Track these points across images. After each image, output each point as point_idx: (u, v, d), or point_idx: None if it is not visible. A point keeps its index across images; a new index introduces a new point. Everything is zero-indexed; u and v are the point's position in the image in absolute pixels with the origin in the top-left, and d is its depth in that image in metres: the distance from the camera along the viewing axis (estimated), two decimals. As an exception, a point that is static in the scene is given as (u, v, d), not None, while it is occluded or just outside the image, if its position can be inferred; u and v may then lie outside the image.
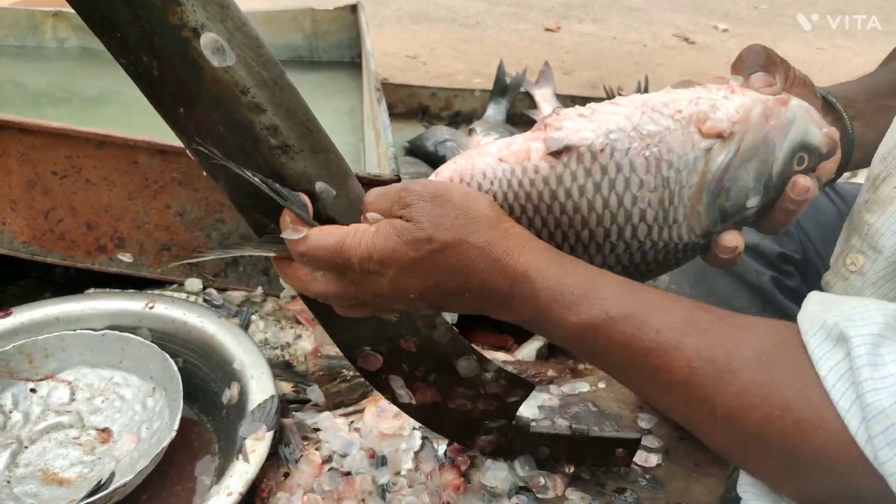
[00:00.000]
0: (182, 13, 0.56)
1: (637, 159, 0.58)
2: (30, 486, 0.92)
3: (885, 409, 0.43)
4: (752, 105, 0.59)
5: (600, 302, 0.54)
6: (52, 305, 1.09)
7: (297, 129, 0.62)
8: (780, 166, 0.59)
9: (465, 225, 0.56)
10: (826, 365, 0.47)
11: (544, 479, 0.92)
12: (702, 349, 0.51)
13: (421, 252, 0.55)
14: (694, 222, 0.60)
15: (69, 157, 1.17)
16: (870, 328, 0.46)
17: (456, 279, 0.56)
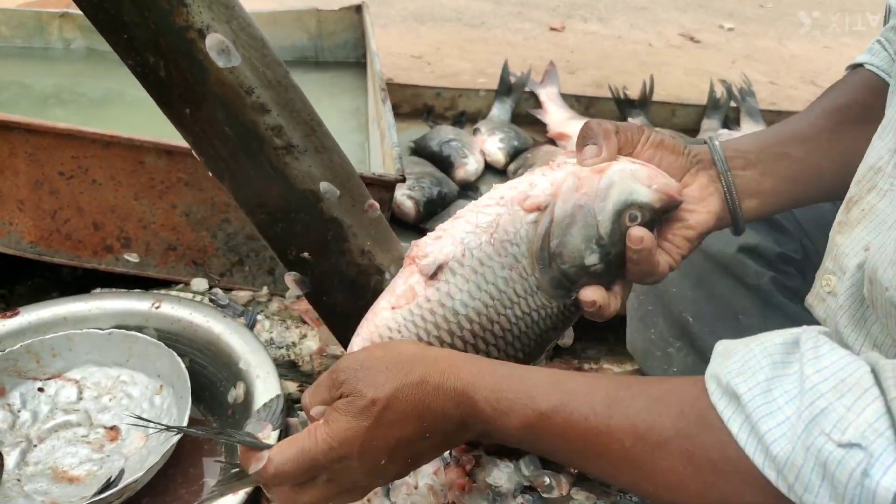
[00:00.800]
0: (188, 14, 0.57)
1: (487, 249, 0.65)
2: (40, 484, 0.93)
3: (788, 456, 0.46)
4: (565, 178, 0.66)
5: (531, 401, 0.58)
6: (59, 305, 1.10)
7: (301, 129, 0.63)
8: (608, 226, 0.65)
9: (398, 371, 0.60)
10: (734, 423, 0.49)
11: (549, 478, 0.92)
12: (627, 429, 0.54)
13: (371, 417, 0.59)
14: (543, 287, 0.66)
15: (76, 157, 1.17)
16: (756, 378, 0.49)
17: (412, 425, 0.59)
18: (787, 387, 0.48)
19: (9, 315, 1.07)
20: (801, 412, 0.46)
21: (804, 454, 0.45)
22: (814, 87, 3.23)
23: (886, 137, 0.65)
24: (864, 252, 0.63)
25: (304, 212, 0.66)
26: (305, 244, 0.68)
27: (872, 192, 0.65)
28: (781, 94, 3.08)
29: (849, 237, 0.66)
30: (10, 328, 1.06)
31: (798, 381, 0.48)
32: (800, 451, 0.45)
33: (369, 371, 0.60)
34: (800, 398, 0.47)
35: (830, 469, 0.44)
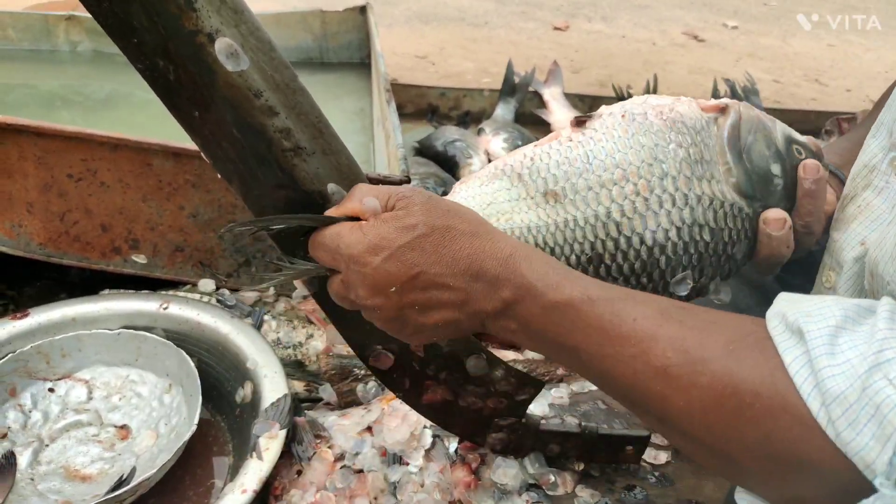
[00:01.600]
0: (197, 19, 0.57)
1: (656, 121, 0.65)
2: (53, 483, 0.94)
3: (842, 391, 0.46)
4: (734, 101, 0.68)
5: (582, 285, 0.56)
6: (68, 306, 1.11)
7: (309, 132, 0.63)
8: (782, 144, 0.67)
9: (454, 216, 0.59)
10: (790, 354, 0.49)
11: (554, 476, 0.93)
12: (676, 340, 0.52)
13: (409, 237, 0.57)
14: (730, 177, 0.65)
15: (84, 160, 1.18)
16: (826, 321, 0.49)
17: (442, 264, 0.57)
18: (854, 338, 0.48)
19: (19, 316, 1.08)
20: (865, 357, 0.46)
21: (859, 393, 0.45)
22: (818, 85, 3.23)
23: (880, 136, 0.67)
24: (860, 246, 0.64)
25: (311, 212, 0.67)
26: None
27: (868, 189, 0.66)
28: (785, 93, 3.08)
29: (845, 233, 0.67)
30: (20, 329, 1.07)
31: (868, 334, 0.48)
32: (855, 389, 0.45)
33: (430, 202, 0.60)
34: (867, 345, 0.47)
35: (884, 411, 0.44)
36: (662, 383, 0.52)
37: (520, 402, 0.86)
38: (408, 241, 0.57)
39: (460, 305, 0.58)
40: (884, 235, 0.59)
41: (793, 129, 0.70)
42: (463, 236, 0.58)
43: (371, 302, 0.59)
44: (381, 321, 0.61)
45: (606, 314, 0.54)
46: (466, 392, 0.84)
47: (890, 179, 0.64)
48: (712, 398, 0.50)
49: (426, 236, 0.57)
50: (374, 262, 0.57)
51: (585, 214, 0.64)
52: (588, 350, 0.55)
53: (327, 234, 0.61)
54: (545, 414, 1.02)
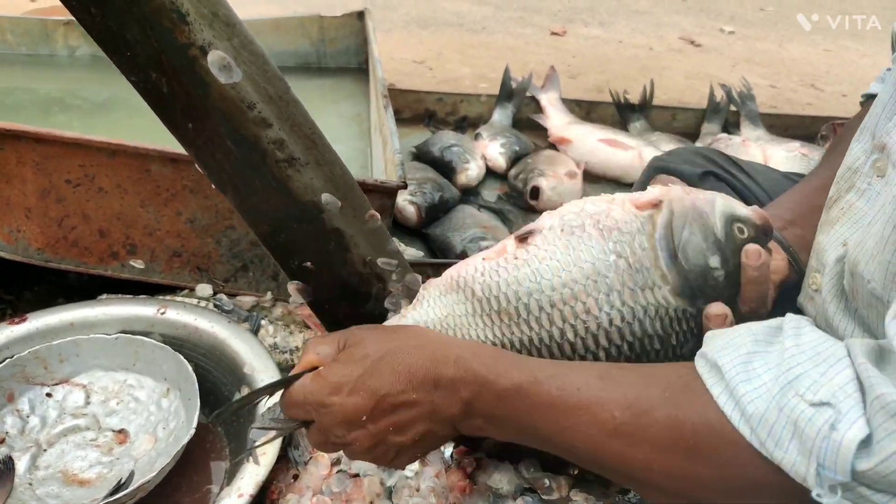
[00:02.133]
0: (190, 32, 0.58)
1: (593, 231, 0.66)
2: (51, 488, 0.94)
3: (762, 414, 0.49)
4: (672, 188, 0.69)
5: (528, 368, 0.61)
6: (66, 311, 1.12)
7: (302, 143, 0.64)
8: (722, 230, 0.66)
9: (402, 336, 0.65)
10: (716, 388, 0.53)
11: (549, 480, 0.93)
12: (619, 399, 0.57)
13: (365, 366, 0.62)
14: (667, 282, 0.65)
15: (82, 165, 1.19)
16: (738, 351, 0.53)
17: (402, 382, 0.61)
18: (767, 359, 0.52)
19: (17, 321, 1.09)
20: (777, 377, 0.50)
21: (777, 413, 0.48)
22: (814, 90, 3.24)
23: (863, 140, 0.68)
24: (842, 247, 0.66)
25: (306, 223, 0.68)
26: (308, 254, 0.70)
27: (851, 191, 0.67)
28: (782, 98, 3.09)
29: (828, 234, 0.69)
30: (18, 334, 1.07)
31: (778, 354, 0.51)
32: (773, 410, 0.49)
33: (376, 331, 0.65)
34: (778, 367, 0.50)
35: (801, 426, 0.47)
36: (618, 442, 0.56)
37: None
38: (364, 371, 0.62)
39: (430, 416, 0.62)
40: (865, 235, 0.60)
41: (734, 202, 0.68)
42: (413, 350, 0.62)
43: (350, 437, 0.63)
44: (365, 453, 0.65)
45: (553, 390, 0.58)
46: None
47: (872, 181, 0.65)
48: (664, 445, 0.54)
49: (380, 360, 0.62)
50: (339, 399, 0.62)
51: (540, 335, 0.67)
52: (546, 427, 0.60)
53: (294, 391, 0.66)
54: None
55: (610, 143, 2.14)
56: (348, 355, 0.63)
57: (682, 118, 2.43)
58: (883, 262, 0.55)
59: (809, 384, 0.48)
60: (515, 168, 2.04)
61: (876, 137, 0.66)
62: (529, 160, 2.04)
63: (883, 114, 0.66)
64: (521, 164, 2.04)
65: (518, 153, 2.11)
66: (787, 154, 2.12)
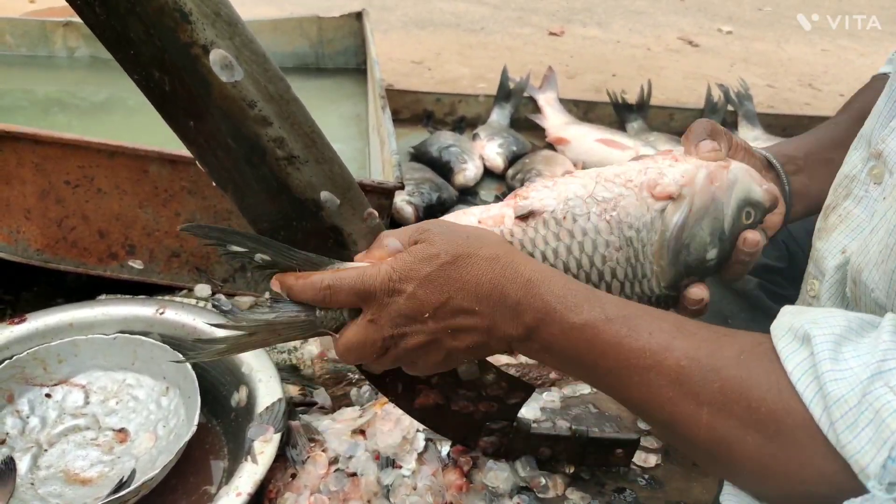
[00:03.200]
0: (192, 31, 0.59)
1: (599, 223, 0.65)
2: (53, 487, 0.95)
3: (843, 395, 0.47)
4: (696, 170, 0.66)
5: (600, 305, 0.59)
6: (65, 312, 1.12)
7: (302, 141, 0.65)
8: (730, 221, 0.66)
9: (475, 242, 0.62)
10: (792, 361, 0.51)
11: (545, 479, 0.94)
12: (689, 350, 0.55)
13: (434, 265, 0.60)
14: (661, 276, 0.66)
15: (82, 166, 1.20)
16: (832, 329, 0.51)
17: (467, 291, 0.60)
18: (858, 349, 0.50)
19: (16, 322, 1.09)
20: (868, 365, 0.48)
21: (860, 398, 0.47)
22: (811, 90, 3.25)
23: (860, 148, 0.68)
24: (840, 255, 0.66)
25: (305, 220, 0.68)
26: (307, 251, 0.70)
27: (848, 198, 0.67)
28: (779, 98, 3.10)
29: (827, 241, 0.69)
30: (17, 334, 1.08)
31: (871, 345, 0.49)
32: (856, 394, 0.47)
33: (451, 231, 0.63)
34: (870, 355, 0.48)
35: (883, 415, 0.45)
36: (675, 389, 0.55)
37: (511, 405, 0.88)
38: (433, 270, 0.60)
39: (487, 330, 0.61)
40: (866, 243, 0.60)
41: (753, 181, 0.68)
42: (484, 262, 0.60)
43: (407, 329, 0.62)
44: (417, 350, 0.63)
45: (623, 330, 0.57)
46: (458, 396, 0.85)
47: (869, 188, 0.65)
48: (721, 402, 0.53)
49: (450, 264, 0.60)
50: (407, 289, 0.60)
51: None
52: (606, 366, 0.58)
53: (350, 277, 0.63)
54: (536, 417, 1.03)
55: (608, 143, 2.15)
56: (418, 250, 0.61)
57: (679, 118, 2.44)
58: (887, 271, 0.55)
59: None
60: (513, 168, 2.04)
61: (872, 145, 0.66)
62: (527, 160, 2.04)
63: (878, 121, 0.66)
64: (519, 164, 2.04)
65: (516, 153, 2.11)
66: (784, 154, 2.12)
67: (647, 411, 0.58)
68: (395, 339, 0.63)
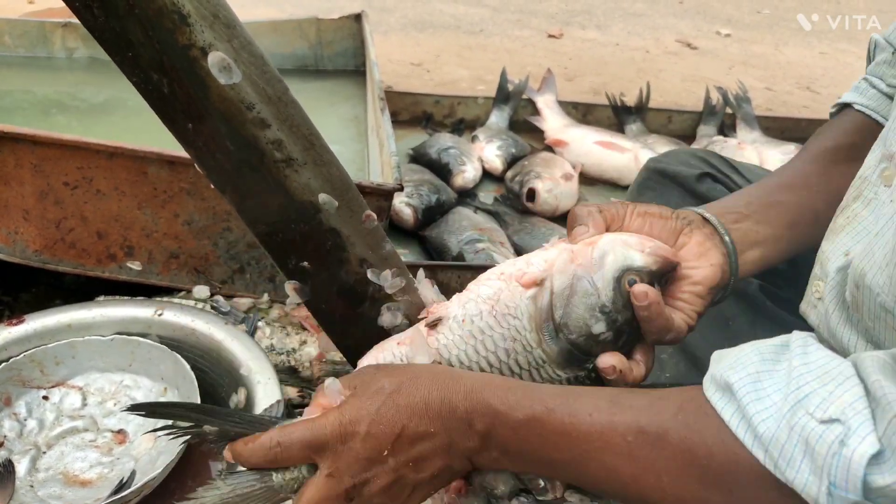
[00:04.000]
0: (191, 33, 0.59)
1: (489, 319, 0.67)
2: (53, 489, 0.94)
3: (774, 434, 0.49)
4: (558, 254, 0.68)
5: (539, 397, 0.60)
6: (63, 313, 1.12)
7: (300, 144, 0.65)
8: (609, 293, 0.66)
9: (412, 367, 0.65)
10: (727, 412, 0.52)
11: (544, 481, 0.94)
12: (631, 423, 0.56)
13: (381, 398, 0.61)
14: (552, 359, 0.67)
15: (80, 168, 1.20)
16: (747, 370, 0.53)
17: (419, 414, 0.60)
18: (775, 378, 0.51)
19: (15, 323, 1.09)
20: (787, 396, 0.49)
21: (788, 432, 0.48)
22: (809, 93, 3.26)
23: (877, 150, 0.67)
24: (844, 257, 0.65)
25: (303, 222, 0.68)
26: (305, 254, 0.70)
27: (858, 200, 0.67)
28: (777, 100, 3.11)
29: (833, 243, 0.68)
30: (15, 335, 1.08)
31: (786, 373, 0.51)
32: (784, 429, 0.48)
33: (387, 365, 0.65)
34: (787, 385, 0.50)
35: (811, 443, 0.47)
36: (631, 466, 0.56)
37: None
38: (381, 403, 0.61)
39: (446, 450, 0.61)
40: (871, 246, 0.59)
41: (631, 249, 0.67)
42: (426, 381, 0.62)
43: (369, 475, 0.61)
44: (381, 494, 0.62)
45: (566, 417, 0.58)
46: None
47: (878, 191, 0.65)
48: (677, 468, 0.54)
49: (396, 393, 0.61)
50: (361, 430, 0.60)
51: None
52: (560, 456, 0.59)
53: (299, 431, 0.62)
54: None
55: (606, 145, 2.15)
56: (362, 389, 0.62)
57: (678, 121, 2.44)
58: (893, 275, 0.54)
59: (818, 402, 0.48)
60: (512, 170, 2.05)
61: (886, 146, 0.65)
62: (526, 162, 2.04)
63: (894, 123, 0.65)
64: (518, 166, 2.05)
65: (514, 155, 2.12)
66: (782, 156, 2.13)
67: (616, 492, 0.59)
68: (357, 489, 0.61)
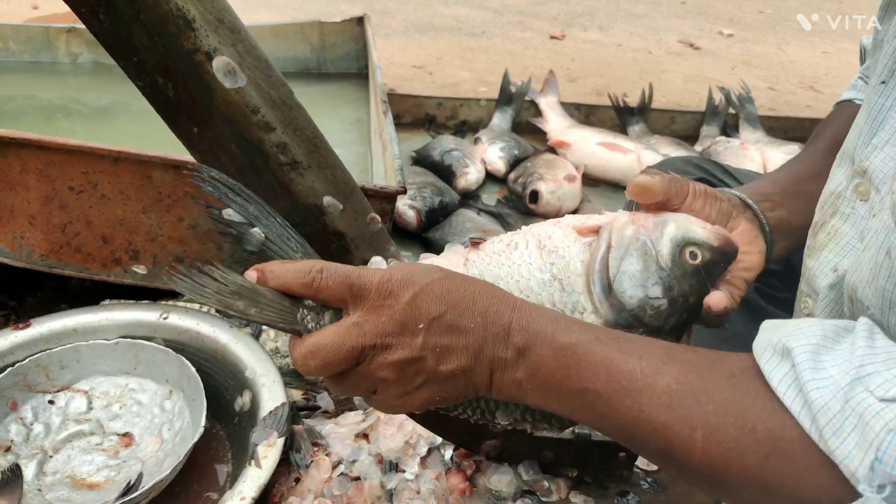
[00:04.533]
0: (196, 38, 0.59)
1: (533, 251, 0.67)
2: (61, 492, 0.95)
3: (826, 403, 0.48)
4: (619, 214, 0.68)
5: (590, 328, 0.59)
6: (69, 317, 1.12)
7: (305, 147, 0.65)
8: (668, 256, 0.65)
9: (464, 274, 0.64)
10: (776, 377, 0.51)
11: (548, 482, 0.94)
12: (680, 373, 0.55)
13: (433, 277, 0.59)
14: (602, 315, 0.64)
15: (85, 172, 1.20)
16: (808, 339, 0.51)
17: (464, 306, 0.59)
18: (836, 357, 0.50)
19: (21, 327, 1.09)
20: (847, 371, 0.48)
21: (843, 404, 0.47)
22: (812, 93, 3.25)
23: (844, 165, 0.68)
24: (833, 273, 0.66)
25: (308, 225, 0.68)
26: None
27: (835, 216, 0.67)
28: (780, 100, 3.10)
29: (817, 260, 0.69)
30: (22, 339, 1.08)
31: (848, 352, 0.50)
32: (838, 401, 0.47)
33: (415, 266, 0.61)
34: (848, 362, 0.49)
35: (866, 418, 0.46)
36: (667, 413, 0.54)
37: (514, 409, 0.88)
38: (432, 281, 0.59)
39: (476, 352, 0.59)
40: (859, 262, 0.60)
41: (692, 225, 0.67)
42: (476, 283, 0.61)
43: (394, 340, 0.58)
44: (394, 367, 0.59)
45: (613, 352, 0.57)
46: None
47: (855, 205, 0.65)
48: (715, 425, 0.52)
49: (448, 279, 0.60)
50: (405, 296, 0.58)
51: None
52: (595, 388, 0.57)
53: (345, 269, 0.59)
54: (540, 421, 1.03)
55: (609, 146, 2.15)
56: (413, 267, 0.61)
57: (681, 121, 2.44)
58: (878, 288, 0.55)
59: (881, 382, 0.46)
60: (515, 172, 2.05)
61: (856, 163, 0.66)
62: (529, 164, 2.05)
63: (860, 139, 0.66)
64: (521, 167, 2.05)
65: (517, 157, 2.12)
66: (785, 156, 2.13)
67: (638, 437, 0.57)
68: (374, 351, 0.58)
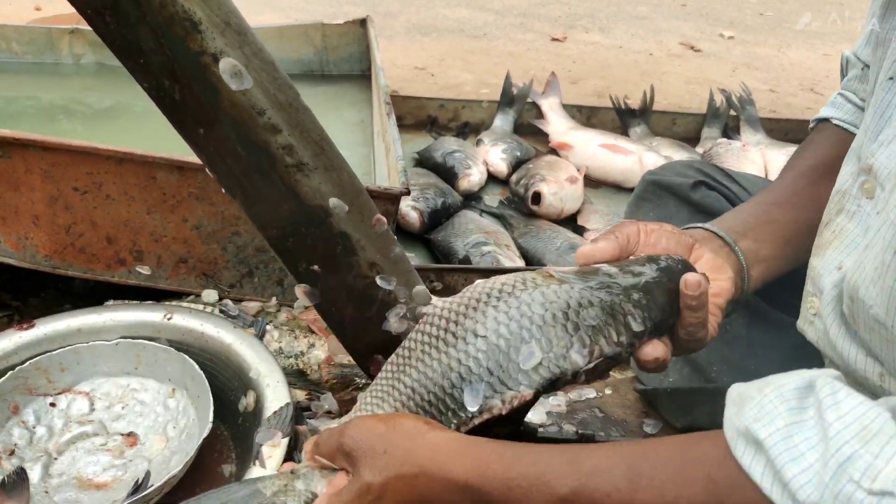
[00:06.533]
0: (202, 40, 0.60)
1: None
2: (69, 494, 0.95)
3: (816, 502, 0.46)
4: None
5: (547, 487, 0.55)
6: (73, 317, 1.12)
7: (311, 149, 0.65)
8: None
9: (394, 458, 0.58)
10: (756, 471, 0.49)
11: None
12: (655, 502, 0.52)
13: (367, 500, 0.58)
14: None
15: (90, 173, 1.21)
16: (775, 423, 0.49)
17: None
18: (807, 434, 0.48)
19: (25, 327, 1.10)
20: (826, 459, 0.46)
21: (832, 501, 0.45)
22: (813, 95, 3.25)
23: (850, 163, 0.68)
24: (837, 271, 0.65)
25: (314, 227, 0.69)
26: (315, 258, 0.71)
27: (841, 214, 0.67)
28: (781, 102, 3.11)
29: (822, 259, 0.69)
30: (26, 340, 1.08)
31: (819, 428, 0.48)
32: (828, 498, 0.45)
33: (371, 451, 0.59)
34: (824, 444, 0.46)
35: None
36: None
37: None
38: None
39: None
40: (862, 260, 0.59)
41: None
42: (411, 480, 0.58)
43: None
44: None
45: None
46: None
47: (861, 203, 0.65)
48: None
49: (379, 499, 0.58)
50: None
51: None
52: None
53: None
54: (543, 422, 1.04)
55: (610, 148, 2.16)
56: (348, 490, 0.60)
57: (682, 123, 2.44)
58: (885, 287, 0.54)
59: (864, 468, 0.44)
60: (517, 173, 2.05)
61: (862, 160, 0.66)
62: (531, 165, 2.05)
63: (867, 136, 0.66)
64: (523, 169, 2.05)
65: (519, 158, 2.12)
66: (786, 158, 2.10)
67: None
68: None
